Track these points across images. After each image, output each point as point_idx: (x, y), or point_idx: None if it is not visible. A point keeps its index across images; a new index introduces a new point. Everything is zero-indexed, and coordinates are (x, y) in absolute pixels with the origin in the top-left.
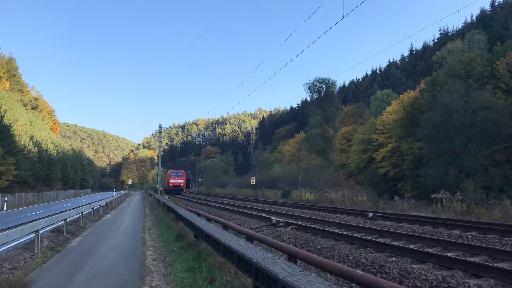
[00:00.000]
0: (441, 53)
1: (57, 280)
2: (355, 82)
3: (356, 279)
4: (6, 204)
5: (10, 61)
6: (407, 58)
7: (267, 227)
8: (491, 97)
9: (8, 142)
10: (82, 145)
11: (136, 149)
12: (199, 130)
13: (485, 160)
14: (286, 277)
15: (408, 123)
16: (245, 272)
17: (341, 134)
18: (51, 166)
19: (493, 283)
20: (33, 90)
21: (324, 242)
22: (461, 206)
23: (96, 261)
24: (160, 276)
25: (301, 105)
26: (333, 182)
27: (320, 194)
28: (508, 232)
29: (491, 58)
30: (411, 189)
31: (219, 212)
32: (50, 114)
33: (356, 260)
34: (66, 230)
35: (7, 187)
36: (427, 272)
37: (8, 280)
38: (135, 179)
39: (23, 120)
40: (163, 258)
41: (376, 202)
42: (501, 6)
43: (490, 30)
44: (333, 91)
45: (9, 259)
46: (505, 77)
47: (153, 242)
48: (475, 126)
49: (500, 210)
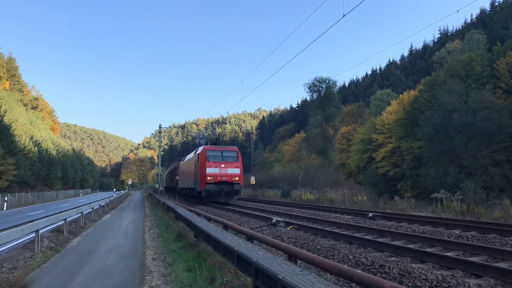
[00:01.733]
0: (441, 53)
1: (57, 280)
2: (355, 82)
3: (356, 279)
4: (6, 204)
5: (10, 61)
6: (407, 58)
7: (267, 227)
8: (490, 97)
9: (8, 142)
10: (82, 145)
11: (136, 149)
12: (199, 130)
13: (485, 160)
14: (286, 276)
15: (408, 123)
16: (245, 272)
17: (341, 134)
18: (51, 166)
19: (493, 283)
20: (33, 90)
21: (324, 242)
22: (461, 206)
23: (96, 261)
24: (160, 276)
25: (301, 105)
26: (333, 182)
27: (320, 194)
28: (508, 232)
29: (491, 58)
30: (411, 189)
31: (219, 212)
32: (50, 114)
33: (356, 260)
34: (66, 230)
35: (7, 187)
36: (427, 272)
37: (8, 280)
38: (135, 179)
39: (23, 120)
40: (163, 258)
41: (376, 202)
42: (501, 6)
43: (490, 30)
44: (333, 91)
45: (9, 259)
46: (505, 76)
47: (153, 242)
48: (474, 125)
49: (500, 210)
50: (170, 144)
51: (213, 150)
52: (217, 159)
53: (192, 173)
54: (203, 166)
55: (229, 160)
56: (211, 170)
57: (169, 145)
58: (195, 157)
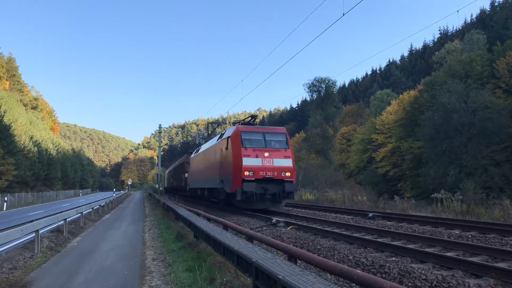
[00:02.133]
0: (441, 53)
1: (57, 280)
2: (355, 82)
3: (356, 279)
4: (6, 204)
5: (10, 61)
6: (407, 58)
7: (267, 227)
8: (490, 97)
9: (8, 142)
10: (82, 145)
11: (136, 149)
12: (199, 130)
13: (485, 160)
14: (286, 277)
15: (408, 123)
16: (245, 272)
17: (341, 134)
18: (51, 166)
19: (493, 283)
20: (33, 90)
21: (324, 242)
22: (461, 206)
23: (96, 261)
24: (160, 276)
25: (301, 105)
26: (333, 182)
27: (320, 194)
28: (508, 232)
29: (491, 58)
30: (411, 189)
31: (219, 212)
32: (50, 114)
33: (356, 260)
34: (66, 230)
35: (7, 187)
36: (427, 272)
37: (8, 280)
38: (135, 179)
39: (23, 120)
40: (163, 258)
41: (376, 202)
42: (501, 6)
43: (490, 30)
44: (333, 91)
45: (9, 259)
46: (505, 76)
47: (153, 242)
48: (474, 126)
49: (500, 210)
50: (170, 144)
51: (251, 132)
52: (257, 144)
53: (214, 167)
54: (237, 156)
55: (276, 147)
56: (249, 161)
57: (169, 145)
58: (221, 143)
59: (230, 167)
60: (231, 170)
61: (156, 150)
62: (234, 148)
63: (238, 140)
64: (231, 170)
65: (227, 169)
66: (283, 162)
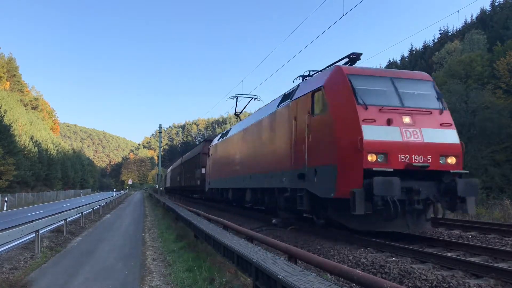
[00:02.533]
0: (441, 53)
1: (57, 280)
2: None
3: (356, 279)
4: (6, 204)
5: (10, 61)
6: (407, 58)
7: (267, 227)
8: (490, 97)
9: (8, 142)
10: (82, 145)
11: (136, 149)
12: (199, 130)
13: (485, 160)
14: (286, 277)
15: None
16: (245, 272)
17: None
18: (51, 166)
19: (493, 283)
20: (33, 90)
21: (324, 242)
22: None
23: (96, 261)
24: (160, 276)
25: None
26: None
27: None
28: (508, 232)
29: (491, 58)
30: None
31: (218, 212)
32: (50, 114)
33: (356, 260)
34: (66, 230)
35: (7, 187)
36: (427, 272)
37: (8, 280)
38: (135, 179)
39: (23, 120)
40: (163, 258)
41: None
42: (501, 6)
43: (490, 30)
44: None
45: (9, 259)
46: (505, 76)
47: (153, 242)
48: (474, 126)
49: (500, 210)
50: (170, 144)
51: (370, 77)
52: (386, 101)
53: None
54: (346, 122)
55: (421, 106)
56: (376, 132)
57: (169, 145)
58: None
59: (330, 146)
60: (333, 152)
61: (156, 150)
62: (337, 107)
63: (346, 90)
64: (334, 153)
65: (320, 151)
66: (441, 136)
